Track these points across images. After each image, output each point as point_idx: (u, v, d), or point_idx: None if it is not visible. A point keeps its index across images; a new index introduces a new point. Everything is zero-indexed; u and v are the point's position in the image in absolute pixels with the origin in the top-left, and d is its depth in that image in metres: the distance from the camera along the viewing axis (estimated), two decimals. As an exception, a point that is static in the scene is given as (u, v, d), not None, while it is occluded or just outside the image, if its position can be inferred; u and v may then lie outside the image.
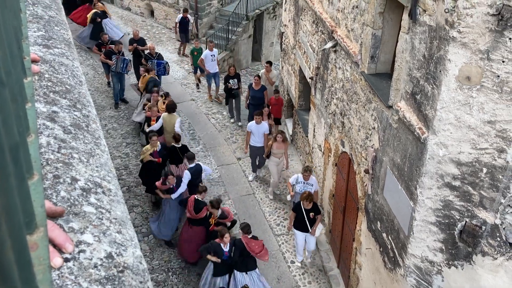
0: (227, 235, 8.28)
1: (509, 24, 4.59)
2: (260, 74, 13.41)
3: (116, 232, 1.19)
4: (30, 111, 1.11)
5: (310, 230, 9.03)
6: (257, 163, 11.75)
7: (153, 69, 13.07)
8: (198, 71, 15.22)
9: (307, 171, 9.41)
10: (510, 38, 4.66)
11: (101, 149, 1.53)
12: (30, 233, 0.85)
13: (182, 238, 9.30)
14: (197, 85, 15.51)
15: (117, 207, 1.31)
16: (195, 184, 9.56)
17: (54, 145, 1.35)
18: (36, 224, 0.87)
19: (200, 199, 8.93)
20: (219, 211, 9.04)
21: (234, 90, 13.21)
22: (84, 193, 1.25)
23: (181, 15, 16.56)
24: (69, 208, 1.17)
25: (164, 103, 11.54)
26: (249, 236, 8.40)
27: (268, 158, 10.87)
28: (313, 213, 8.91)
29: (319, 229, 9.33)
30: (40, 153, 1.26)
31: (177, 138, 10.36)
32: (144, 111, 12.05)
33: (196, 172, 9.84)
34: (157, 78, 13.06)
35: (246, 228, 8.44)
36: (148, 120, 11.31)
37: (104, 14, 16.04)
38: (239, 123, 13.75)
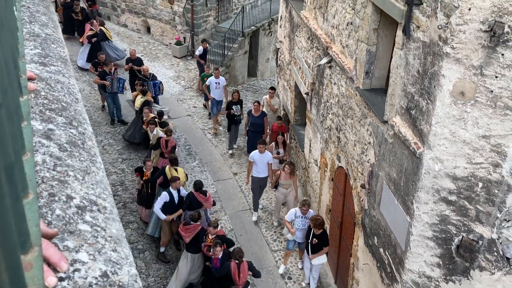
0: (218, 248, 8.23)
1: (501, 40, 4.66)
2: (261, 100, 12.97)
3: (111, 250, 1.19)
4: (26, 130, 1.11)
5: (309, 255, 8.80)
6: (260, 202, 11.06)
7: (148, 91, 12.96)
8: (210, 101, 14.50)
9: (305, 205, 8.88)
10: (502, 54, 4.72)
11: (97, 166, 1.53)
12: (25, 253, 0.85)
13: None
14: (209, 114, 14.54)
15: (112, 225, 1.31)
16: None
17: (49, 163, 1.35)
18: (30, 244, 0.87)
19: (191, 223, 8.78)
20: (214, 230, 8.98)
21: (237, 117, 12.78)
22: (79, 211, 1.25)
23: (201, 47, 15.82)
24: (64, 227, 1.16)
25: (155, 122, 11.44)
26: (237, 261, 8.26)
27: (275, 188, 10.37)
28: (316, 240, 8.66)
29: (320, 259, 8.87)
30: (35, 171, 1.26)
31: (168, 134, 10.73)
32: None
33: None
34: (152, 99, 13.06)
35: (239, 253, 8.32)
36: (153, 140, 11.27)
37: (104, 36, 15.97)
38: (234, 146, 13.33)
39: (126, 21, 20.21)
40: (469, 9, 4.63)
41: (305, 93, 10.48)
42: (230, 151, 13.24)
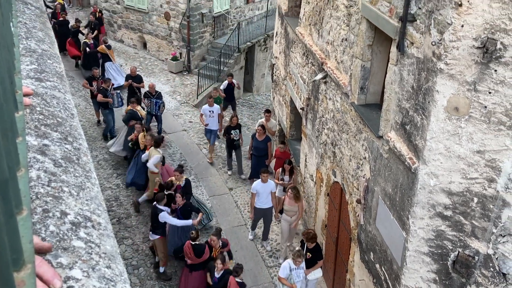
0: (219, 261, 8.25)
1: (494, 57, 4.71)
2: (260, 124, 12.47)
3: (105, 267, 1.18)
4: (21, 146, 1.11)
5: (304, 269, 8.68)
6: (260, 225, 10.69)
7: (135, 102, 12.88)
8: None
9: (300, 256, 8.29)
10: (495, 70, 4.77)
11: (92, 182, 1.53)
12: (17, 270, 0.84)
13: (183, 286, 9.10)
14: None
15: (106, 241, 1.30)
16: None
17: (44, 179, 1.35)
18: (23, 261, 0.86)
19: (197, 243, 8.74)
20: (220, 242, 8.95)
21: (236, 141, 12.45)
22: (74, 227, 1.24)
23: (226, 82, 14.96)
24: (57, 243, 1.15)
25: (144, 136, 11.43)
26: (237, 279, 8.26)
27: (280, 214, 9.88)
28: (310, 254, 8.58)
29: (315, 274, 8.72)
30: (29, 187, 1.25)
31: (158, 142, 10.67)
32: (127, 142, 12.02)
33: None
34: (144, 114, 13.13)
35: (237, 270, 8.31)
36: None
37: (106, 57, 16.11)
38: (242, 176, 12.79)
39: (122, 37, 20.32)
40: (462, 26, 4.70)
41: (301, 108, 10.52)
42: (229, 172, 12.97)
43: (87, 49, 15.87)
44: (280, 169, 10.89)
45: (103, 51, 15.97)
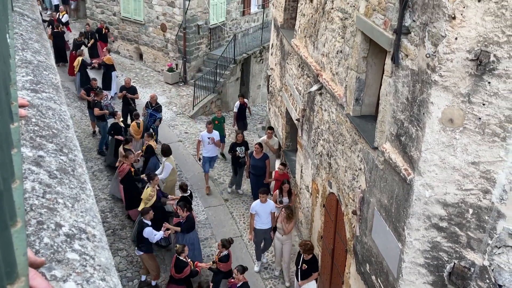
0: (238, 273, 8.31)
1: (487, 69, 4.75)
2: (260, 141, 12.28)
3: (100, 279, 1.17)
4: (16, 157, 1.11)
5: (299, 281, 8.65)
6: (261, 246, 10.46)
7: (120, 115, 12.93)
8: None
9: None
10: (489, 82, 4.81)
11: (87, 193, 1.52)
12: (11, 283, 0.83)
13: None
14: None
15: (101, 253, 1.29)
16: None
17: (39, 190, 1.34)
18: (17, 274, 0.85)
19: (181, 258, 8.66)
20: (226, 251, 8.90)
21: (241, 159, 12.16)
22: (68, 239, 1.23)
23: (238, 102, 14.83)
24: (52, 255, 1.14)
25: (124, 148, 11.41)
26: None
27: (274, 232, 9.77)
28: (305, 266, 8.54)
29: (309, 286, 8.64)
30: (24, 199, 1.25)
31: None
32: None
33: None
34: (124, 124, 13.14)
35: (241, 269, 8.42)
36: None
37: (112, 67, 16.27)
38: (239, 191, 12.72)
39: (118, 48, 20.38)
40: (456, 38, 4.74)
41: (296, 120, 10.55)
42: (229, 189, 12.81)
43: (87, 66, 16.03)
44: (278, 191, 10.58)
45: (110, 62, 16.06)
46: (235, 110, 14.70)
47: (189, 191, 10.48)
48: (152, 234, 9.08)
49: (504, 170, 5.01)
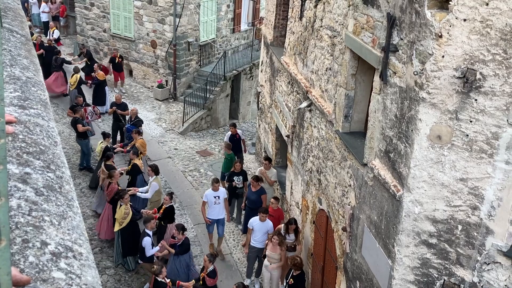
0: None
1: (474, 87, 4.83)
2: (258, 173, 11.52)
3: (86, 299, 1.15)
4: (2, 174, 1.09)
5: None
6: (254, 267, 10.09)
7: (109, 138, 12.83)
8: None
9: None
10: (476, 100, 4.88)
11: (74, 211, 1.50)
12: (-6, 304, 0.81)
13: None
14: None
15: (88, 272, 1.27)
16: None
17: (25, 208, 1.32)
18: (0, 294, 0.83)
19: (160, 279, 8.49)
20: (212, 267, 8.83)
21: (239, 189, 11.64)
22: (54, 257, 1.21)
23: (229, 133, 13.63)
24: (37, 274, 1.12)
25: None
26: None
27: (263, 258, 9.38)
28: (292, 280, 8.45)
29: None
30: (9, 217, 1.23)
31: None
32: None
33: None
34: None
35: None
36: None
37: (104, 82, 16.28)
38: (239, 226, 11.95)
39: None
40: (443, 56, 4.82)
41: (286, 136, 10.58)
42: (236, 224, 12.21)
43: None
44: (283, 225, 9.62)
45: (102, 78, 16.04)
46: (226, 139, 13.59)
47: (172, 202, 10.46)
48: (149, 246, 9.10)
49: (491, 187, 5.05)
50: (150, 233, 9.31)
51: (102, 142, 12.52)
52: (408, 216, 5.39)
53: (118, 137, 14.62)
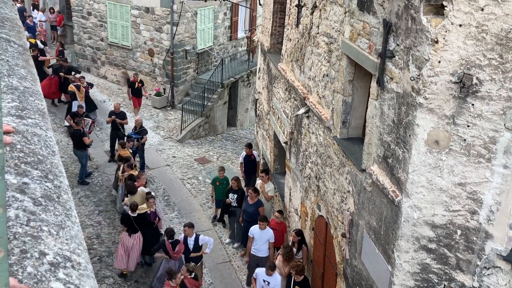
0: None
1: (470, 91, 4.85)
2: (256, 186, 11.19)
3: (84, 309, 1.14)
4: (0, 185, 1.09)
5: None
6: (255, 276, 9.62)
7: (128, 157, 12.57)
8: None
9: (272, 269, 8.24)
10: (472, 104, 4.90)
11: (72, 220, 1.50)
12: (-8, 315, 0.81)
13: None
14: (215, 217, 12.41)
15: (86, 282, 1.26)
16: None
17: (23, 218, 1.32)
18: (-2, 305, 0.83)
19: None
20: (192, 274, 8.87)
21: (232, 208, 11.26)
22: (52, 268, 1.20)
23: (244, 153, 12.99)
24: (35, 285, 1.12)
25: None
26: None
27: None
28: (298, 287, 8.38)
29: None
30: (7, 227, 1.22)
31: (132, 208, 10.03)
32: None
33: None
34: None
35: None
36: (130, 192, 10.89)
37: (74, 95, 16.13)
38: (235, 245, 11.64)
39: (106, 73, 20.40)
40: (439, 61, 4.84)
41: (284, 142, 10.58)
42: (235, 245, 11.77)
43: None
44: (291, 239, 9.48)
45: (72, 89, 15.30)
46: (241, 160, 13.08)
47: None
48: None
49: (490, 191, 5.06)
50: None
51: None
52: (407, 222, 5.38)
53: (116, 146, 14.60)
